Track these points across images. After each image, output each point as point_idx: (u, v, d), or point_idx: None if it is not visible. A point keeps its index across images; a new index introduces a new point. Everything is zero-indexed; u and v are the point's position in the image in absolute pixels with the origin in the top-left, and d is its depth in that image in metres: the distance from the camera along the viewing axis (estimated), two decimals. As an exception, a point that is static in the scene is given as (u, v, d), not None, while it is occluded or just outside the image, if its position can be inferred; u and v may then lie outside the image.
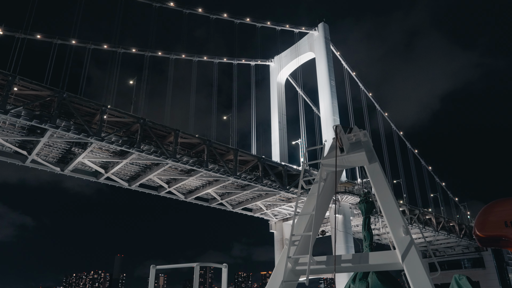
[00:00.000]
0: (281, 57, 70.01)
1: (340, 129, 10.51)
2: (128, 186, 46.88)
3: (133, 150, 37.61)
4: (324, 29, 63.27)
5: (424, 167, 73.06)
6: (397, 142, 69.25)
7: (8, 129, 35.30)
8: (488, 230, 6.02)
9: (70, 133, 34.36)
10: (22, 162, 40.36)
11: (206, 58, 60.60)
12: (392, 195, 9.34)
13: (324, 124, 58.14)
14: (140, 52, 52.07)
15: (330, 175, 10.69)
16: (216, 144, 44.21)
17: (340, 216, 51.79)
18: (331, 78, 60.12)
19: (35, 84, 33.73)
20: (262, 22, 59.34)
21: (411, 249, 8.09)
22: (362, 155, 10.16)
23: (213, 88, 59.23)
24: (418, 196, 67.75)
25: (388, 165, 64.88)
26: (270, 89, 70.30)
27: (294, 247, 9.21)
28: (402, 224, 8.61)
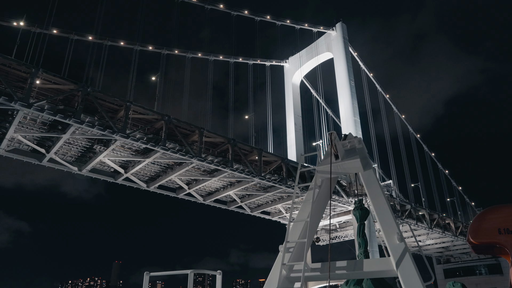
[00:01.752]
0: (296, 57, 68.78)
1: (335, 136, 10.65)
2: (146, 187, 44.98)
3: (158, 148, 35.81)
4: (342, 29, 62.17)
5: (441, 171, 71.75)
6: (414, 145, 67.94)
7: (28, 125, 33.44)
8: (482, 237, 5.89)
9: (95, 129, 32.52)
10: (38, 161, 38.45)
11: (222, 57, 59.45)
12: (387, 202, 9.45)
13: (344, 125, 56.74)
14: (157, 50, 50.93)
15: (325, 181, 10.68)
16: (240, 144, 42.53)
17: (363, 219, 50.09)
18: (350, 79, 58.87)
19: (58, 77, 31.96)
20: (282, 21, 58.06)
21: (405, 256, 8.12)
22: (357, 162, 10.21)
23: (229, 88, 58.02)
24: (437, 200, 66.29)
25: (407, 168, 63.52)
26: (285, 90, 68.99)
27: (288, 253, 9.21)
28: (396, 231, 8.67)
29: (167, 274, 8.63)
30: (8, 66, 30.42)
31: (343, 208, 52.00)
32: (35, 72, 30.51)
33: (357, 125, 55.79)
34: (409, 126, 68.35)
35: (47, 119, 32.83)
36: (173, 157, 38.35)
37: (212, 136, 40.63)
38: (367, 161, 10.44)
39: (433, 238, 66.58)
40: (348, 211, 52.14)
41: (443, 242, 69.81)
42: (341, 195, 49.73)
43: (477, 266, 78.07)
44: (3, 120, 33.04)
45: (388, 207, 9.46)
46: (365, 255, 11.70)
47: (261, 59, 65.97)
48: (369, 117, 60.09)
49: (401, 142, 64.57)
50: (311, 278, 9.20)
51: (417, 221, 59.47)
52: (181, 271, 8.34)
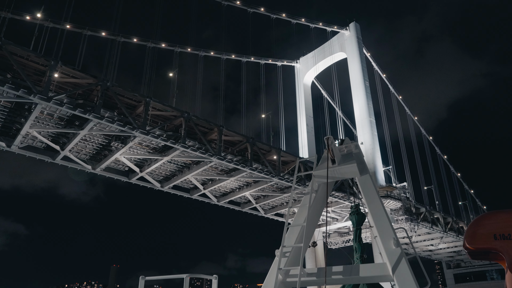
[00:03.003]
0: (307, 58, 67.89)
1: (332, 141, 10.66)
2: (160, 188, 43.67)
3: (178, 145, 34.58)
4: (355, 29, 61.33)
5: (453, 174, 70.80)
6: (427, 148, 67.02)
7: (44, 120, 32.16)
8: (478, 243, 5.80)
9: (114, 125, 31.28)
10: (51, 159, 37.13)
11: (234, 56, 58.55)
12: (383, 207, 9.46)
13: (360, 125, 55.71)
14: (170, 48, 49.99)
15: (322, 186, 10.65)
16: (259, 143, 41.39)
17: (381, 222, 48.91)
18: (365, 79, 57.96)
19: (78, 70, 30.76)
20: (297, 19, 57.16)
21: (402, 262, 8.10)
22: (353, 167, 10.22)
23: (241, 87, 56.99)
24: (450, 203, 65.24)
25: (421, 171, 62.52)
26: (296, 91, 67.96)
27: (285, 258, 9.20)
28: (393, 236, 8.65)
29: (162, 279, 8.55)
30: (25, 58, 29.22)
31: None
32: (54, 65, 29.30)
33: (372, 125, 54.78)
34: (422, 128, 67.51)
35: (65, 114, 31.57)
36: (192, 155, 37.15)
37: (230, 135, 39.49)
38: (363, 166, 10.51)
39: (446, 242, 65.46)
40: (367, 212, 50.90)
41: (456, 246, 68.73)
42: (358, 198, 48.50)
43: (489, 271, 76.99)
44: (18, 115, 31.77)
45: (384, 212, 9.47)
46: (361, 260, 11.45)
47: (272, 59, 65.19)
48: (383, 119, 59.11)
49: (414, 144, 63.64)
50: (307, 283, 9.21)
51: (432, 224, 58.35)
52: (176, 276, 8.43)
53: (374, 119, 55.63)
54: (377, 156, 53.11)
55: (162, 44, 49.61)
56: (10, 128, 33.59)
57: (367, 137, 54.02)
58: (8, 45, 27.48)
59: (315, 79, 68.59)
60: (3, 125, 32.96)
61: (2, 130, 33.74)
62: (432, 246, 68.78)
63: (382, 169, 52.77)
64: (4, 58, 28.04)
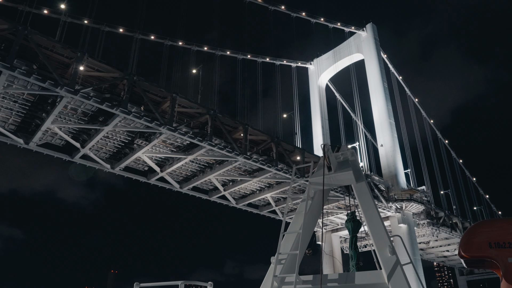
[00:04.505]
0: (321, 59, 66.95)
1: (328, 148, 10.74)
2: (179, 189, 42.14)
3: (205, 143, 33.17)
4: (372, 30, 60.49)
5: (469, 178, 69.69)
6: (443, 152, 65.90)
7: (67, 115, 30.66)
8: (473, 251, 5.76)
9: (142, 121, 29.85)
10: (70, 157, 35.63)
11: (250, 56, 57.56)
12: (379, 215, 9.46)
13: (379, 127, 54.57)
14: (186, 46, 49.04)
15: (318, 193, 10.73)
16: (284, 143, 40.08)
17: (404, 226, 47.61)
18: (383, 80, 56.98)
19: (104, 63, 29.40)
20: (316, 18, 56.22)
21: (397, 269, 8.12)
22: (349, 174, 10.28)
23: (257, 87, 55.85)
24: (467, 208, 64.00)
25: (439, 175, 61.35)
26: (310, 93, 66.97)
27: (280, 265, 9.22)
28: (388, 243, 8.64)
29: (158, 285, 8.52)
30: (50, 49, 27.86)
31: (381, 214, 49.34)
32: (81, 57, 27.93)
33: (392, 127, 53.66)
34: (438, 131, 66.47)
35: (90, 109, 30.14)
36: (216, 154, 35.75)
37: (254, 134, 38.15)
38: (359, 173, 10.52)
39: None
40: (386, 217, 49.55)
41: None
42: (380, 200, 47.23)
43: (502, 278, 75.45)
44: (40, 109, 30.29)
45: (380, 220, 9.46)
46: (357, 268, 11.19)
47: (287, 60, 64.28)
48: (401, 122, 57.95)
49: (431, 147, 62.51)
50: None
51: (451, 229, 57.07)
52: (172, 282, 8.50)
53: (394, 120, 54.52)
54: (398, 158, 51.93)
55: (179, 42, 48.66)
56: (29, 124, 32.09)
57: (387, 139, 52.87)
58: (34, 35, 26.10)
59: (329, 82, 67.61)
60: (23, 121, 31.45)
61: (21, 126, 32.24)
62: (448, 252, 67.41)
63: (403, 172, 51.56)
64: (28, 49, 26.67)
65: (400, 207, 47.62)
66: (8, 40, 26.29)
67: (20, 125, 32.00)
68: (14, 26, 25.37)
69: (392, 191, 49.24)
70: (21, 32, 25.43)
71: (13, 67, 24.55)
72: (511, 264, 5.42)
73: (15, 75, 24.91)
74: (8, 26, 25.37)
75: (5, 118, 31.02)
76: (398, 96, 59.85)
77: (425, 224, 50.52)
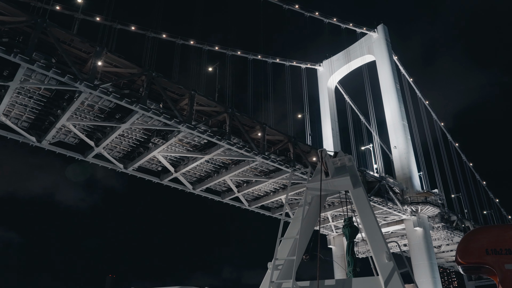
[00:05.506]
0: (332, 60, 66.31)
1: (325, 153, 10.74)
2: (191, 190, 41.12)
3: (223, 142, 32.26)
4: (384, 31, 59.96)
5: (479, 182, 68.97)
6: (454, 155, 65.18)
7: (83, 111, 29.70)
8: (470, 258, 5.74)
9: (161, 118, 28.91)
10: (82, 156, 34.63)
11: (260, 57, 56.94)
12: (376, 221, 9.52)
13: (392, 129, 53.82)
14: (198, 45, 48.44)
15: (315, 199, 10.74)
16: (300, 143, 39.22)
17: (419, 229, 46.69)
18: (395, 82, 56.33)
19: (123, 58, 28.49)
20: (329, 18, 55.62)
21: (394, 275, 8.14)
22: (346, 180, 10.31)
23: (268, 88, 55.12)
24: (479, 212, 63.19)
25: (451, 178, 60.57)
26: (320, 94, 66.25)
27: (277, 271, 9.25)
28: (385, 250, 8.66)
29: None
30: (68, 43, 26.94)
31: (396, 217, 48.51)
32: (100, 51, 27.03)
33: (405, 129, 52.92)
34: (448, 134, 65.83)
35: (107, 106, 29.21)
36: (234, 154, 34.84)
37: (272, 133, 37.25)
38: (356, 178, 10.52)
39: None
40: (400, 220, 48.67)
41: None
42: (395, 203, 46.34)
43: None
44: (56, 105, 29.30)
45: (377, 226, 9.47)
46: (354, 274, 11.25)
47: (297, 61, 63.67)
48: (413, 124, 57.19)
49: (443, 151, 61.79)
50: None
51: (464, 233, 56.17)
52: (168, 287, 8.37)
53: (407, 122, 53.81)
54: (412, 160, 51.14)
55: (191, 42, 48.09)
56: (42, 121, 31.11)
57: (400, 141, 52.11)
58: (52, 27, 25.20)
59: (338, 84, 66.97)
60: (37, 118, 30.46)
61: (34, 124, 31.25)
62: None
63: (417, 174, 50.76)
64: (45, 43, 25.75)
65: (415, 210, 46.74)
66: (25, 33, 25.38)
67: (33, 122, 31.02)
68: (32, 18, 24.46)
69: (406, 193, 48.39)
70: (40, 24, 24.54)
71: (32, 60, 23.61)
72: (508, 271, 5.31)
73: (34, 69, 23.97)
74: (27, 18, 24.46)
75: (18, 115, 30.03)
76: (409, 99, 59.16)
77: (440, 227, 49.65)
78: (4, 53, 22.76)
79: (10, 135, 30.94)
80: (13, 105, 28.74)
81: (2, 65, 25.27)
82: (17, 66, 24.55)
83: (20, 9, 24.48)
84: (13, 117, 30.05)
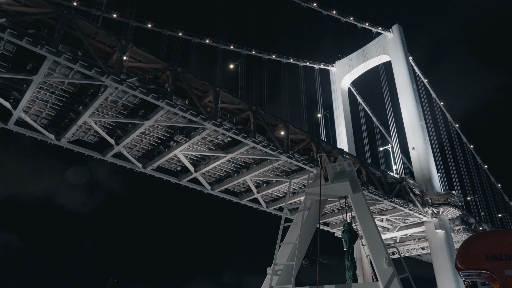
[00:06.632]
0: (345, 61, 65.59)
1: (325, 158, 10.80)
2: (209, 190, 40.06)
3: (249, 140, 31.27)
4: (399, 31, 59.25)
5: (494, 184, 67.96)
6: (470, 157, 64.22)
7: (105, 107, 28.69)
8: (469, 263, 5.67)
9: (187, 114, 27.91)
10: (101, 155, 33.62)
11: (275, 56, 56.42)
12: (375, 226, 9.63)
13: (410, 130, 52.92)
14: (213, 44, 47.94)
15: (315, 203, 10.79)
16: (323, 142, 38.26)
17: (441, 231, 45.59)
18: (412, 82, 55.55)
19: (148, 53, 27.55)
20: (346, 17, 54.90)
21: (394, 281, 8.29)
22: (346, 185, 10.40)
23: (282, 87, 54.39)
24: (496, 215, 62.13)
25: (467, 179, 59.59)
26: (333, 95, 65.44)
27: (276, 276, 9.34)
28: (385, 255, 8.92)
29: None
30: (92, 37, 26.00)
31: (416, 219, 47.43)
32: (125, 45, 26.07)
33: (423, 130, 52.01)
34: (463, 136, 64.93)
35: (132, 102, 28.24)
36: (256, 153, 33.87)
37: (294, 132, 36.28)
38: (356, 183, 10.53)
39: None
40: (421, 222, 47.59)
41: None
42: (415, 205, 45.26)
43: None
44: (78, 101, 28.31)
45: (377, 231, 9.40)
46: (354, 279, 11.31)
47: (310, 61, 62.98)
48: (430, 125, 56.19)
49: (458, 152, 60.83)
50: None
51: (483, 236, 55.11)
52: None
53: (425, 123, 52.89)
54: (431, 161, 50.17)
55: (207, 40, 47.55)
56: (62, 118, 30.12)
57: (418, 142, 51.18)
58: (79, 19, 24.30)
59: (351, 85, 66.18)
60: (57, 114, 29.47)
61: (53, 121, 30.26)
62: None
63: (437, 176, 49.76)
64: (68, 36, 24.81)
65: (436, 212, 45.69)
66: (49, 25, 24.47)
67: (52, 119, 30.03)
68: (58, 9, 23.54)
69: (426, 195, 47.37)
70: (66, 16, 23.60)
71: (59, 52, 22.66)
72: (507, 277, 5.22)
73: (60, 61, 23.01)
74: (52, 9, 23.51)
75: (38, 112, 29.04)
76: (425, 100, 58.28)
77: (461, 230, 48.58)
78: (30, 44, 21.80)
79: (28, 133, 29.97)
80: (33, 101, 27.74)
81: (25, 58, 24.40)
82: (41, 59, 23.63)
83: (45, 1, 23.61)
84: (32, 114, 29.07)
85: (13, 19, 22.24)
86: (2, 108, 27.97)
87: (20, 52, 23.75)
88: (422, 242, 52.18)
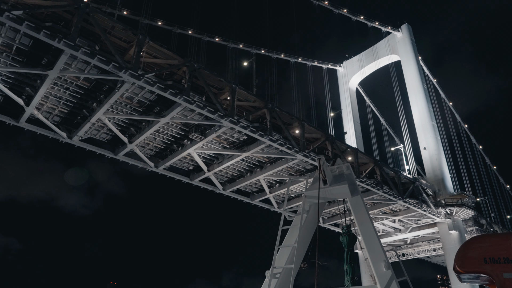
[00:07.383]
0: (353, 61, 65.09)
1: (324, 161, 10.85)
2: (221, 190, 39.34)
3: (266, 138, 30.60)
4: (408, 31, 58.77)
5: (503, 185, 67.37)
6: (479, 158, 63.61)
7: (120, 104, 27.99)
8: (468, 267, 5.64)
9: (205, 111, 27.22)
10: (113, 154, 32.91)
11: (283, 56, 55.85)
12: (374, 229, 9.71)
13: (420, 130, 52.31)
14: (222, 42, 47.28)
15: (313, 206, 10.84)
16: (338, 142, 37.61)
17: (455, 232, 44.92)
18: (422, 82, 54.98)
19: (165, 48, 26.91)
20: (357, 15, 54.38)
21: (392, 284, 8.30)
22: (344, 188, 10.49)
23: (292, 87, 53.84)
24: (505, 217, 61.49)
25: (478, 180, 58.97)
26: (341, 95, 64.91)
27: (275, 280, 9.28)
28: (384, 258, 8.99)
29: None
30: (108, 32, 25.34)
31: (429, 220, 46.72)
32: (142, 40, 25.42)
33: (435, 130, 51.41)
34: (472, 137, 64.40)
35: (148, 98, 27.56)
36: (272, 151, 33.20)
37: (309, 131, 35.64)
38: (355, 186, 10.46)
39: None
40: (433, 223, 46.90)
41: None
42: (428, 205, 44.58)
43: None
44: (92, 98, 27.60)
45: (375, 234, 9.36)
46: (352, 283, 11.31)
47: (318, 61, 62.48)
48: (440, 125, 55.56)
49: (468, 153, 60.21)
50: None
51: (494, 237, 54.42)
52: None
53: (436, 122, 52.31)
54: (443, 161, 49.54)
55: (216, 39, 46.99)
56: (75, 115, 29.40)
57: (430, 142, 50.57)
58: (95, 13, 23.64)
59: (358, 85, 65.66)
60: (70, 112, 28.75)
61: (66, 118, 29.54)
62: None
63: (449, 176, 49.12)
64: (84, 30, 24.17)
65: (450, 213, 45.02)
66: (64, 19, 23.82)
67: (65, 116, 29.31)
68: (75, 2, 22.88)
69: (439, 196, 46.72)
70: (83, 9, 22.95)
71: (76, 46, 21.98)
72: (506, 280, 5.27)
73: (78, 55, 22.31)
74: (69, 2, 22.88)
75: (51, 109, 28.33)
76: (435, 99, 57.68)
77: (474, 231, 47.91)
78: (48, 37, 21.11)
79: (40, 131, 29.23)
80: (46, 98, 27.04)
81: (41, 52, 23.71)
82: (57, 54, 22.95)
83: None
84: (45, 111, 28.35)
85: (30, 12, 21.60)
86: (14, 105, 27.31)
87: (36, 46, 23.08)
88: (433, 243, 51.47)
